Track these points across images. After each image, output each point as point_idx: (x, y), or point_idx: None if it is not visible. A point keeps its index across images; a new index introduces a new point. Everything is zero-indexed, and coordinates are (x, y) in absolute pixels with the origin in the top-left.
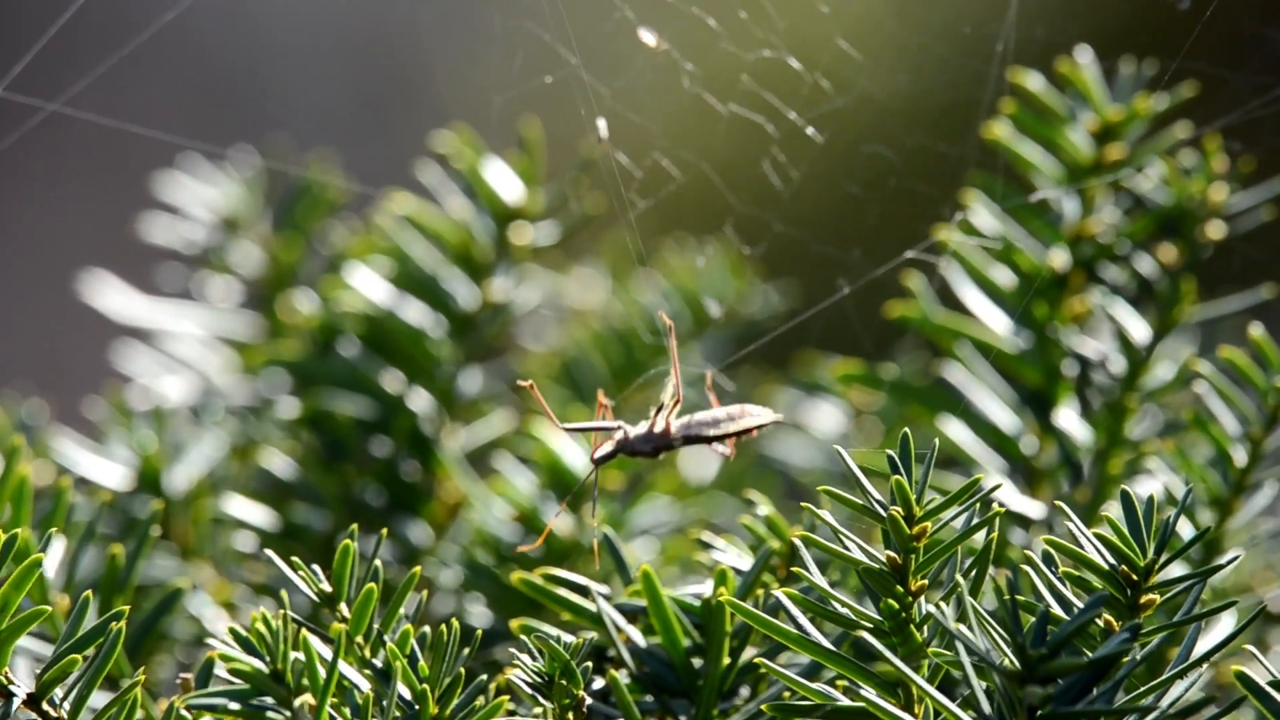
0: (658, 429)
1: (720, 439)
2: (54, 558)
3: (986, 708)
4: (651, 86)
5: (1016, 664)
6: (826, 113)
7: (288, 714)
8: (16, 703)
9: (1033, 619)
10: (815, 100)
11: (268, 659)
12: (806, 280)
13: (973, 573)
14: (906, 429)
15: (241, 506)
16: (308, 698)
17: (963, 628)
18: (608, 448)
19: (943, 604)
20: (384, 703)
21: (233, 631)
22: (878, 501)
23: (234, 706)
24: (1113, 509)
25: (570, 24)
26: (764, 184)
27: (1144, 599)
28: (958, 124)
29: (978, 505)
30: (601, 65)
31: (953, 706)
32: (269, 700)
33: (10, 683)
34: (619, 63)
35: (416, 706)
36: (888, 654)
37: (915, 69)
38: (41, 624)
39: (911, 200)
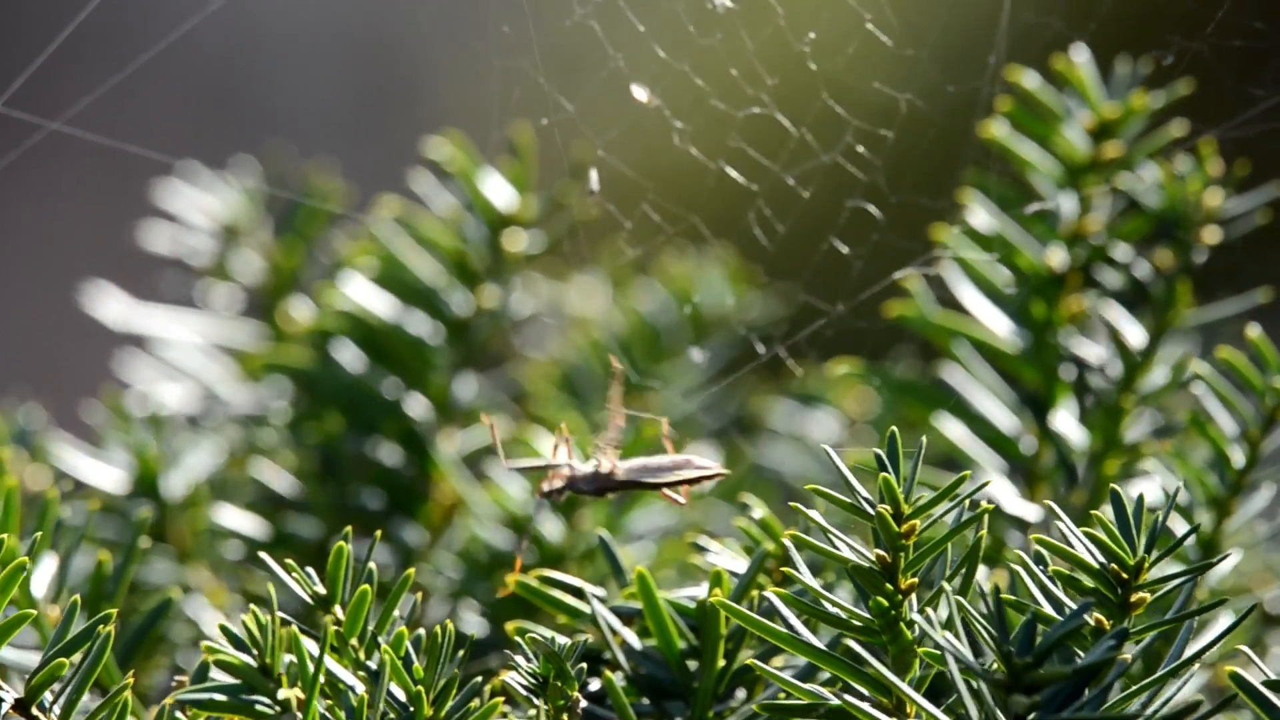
0: (603, 470)
1: (660, 486)
2: (43, 571)
3: (974, 713)
4: (643, 137)
5: (1003, 672)
6: (812, 168)
7: (277, 709)
8: (5, 706)
9: (1020, 622)
10: (801, 155)
11: (256, 653)
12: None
13: (961, 571)
14: (894, 428)
15: (232, 516)
16: (297, 691)
17: (948, 636)
18: (557, 484)
19: (930, 610)
20: (377, 703)
21: (223, 628)
22: (865, 499)
23: (222, 698)
24: (1104, 509)
25: (563, 71)
26: (752, 235)
27: (1135, 597)
28: (941, 178)
29: (966, 503)
30: (594, 115)
31: (938, 713)
32: (259, 696)
33: (0, 687)
34: (611, 113)
35: (411, 709)
36: (874, 661)
37: (900, 125)
38: (32, 635)
39: (894, 254)
